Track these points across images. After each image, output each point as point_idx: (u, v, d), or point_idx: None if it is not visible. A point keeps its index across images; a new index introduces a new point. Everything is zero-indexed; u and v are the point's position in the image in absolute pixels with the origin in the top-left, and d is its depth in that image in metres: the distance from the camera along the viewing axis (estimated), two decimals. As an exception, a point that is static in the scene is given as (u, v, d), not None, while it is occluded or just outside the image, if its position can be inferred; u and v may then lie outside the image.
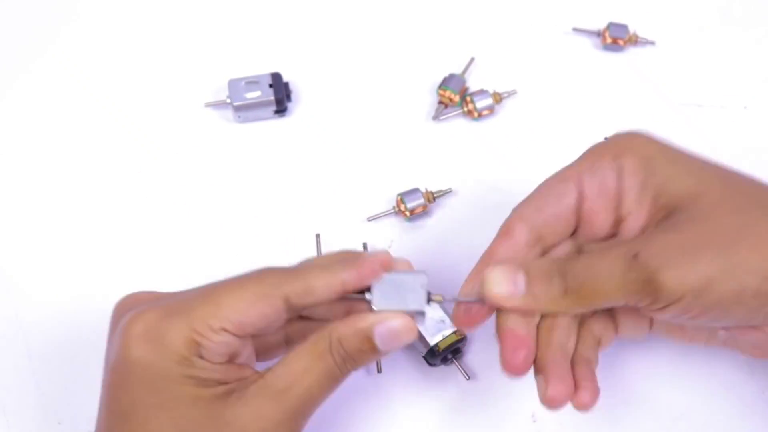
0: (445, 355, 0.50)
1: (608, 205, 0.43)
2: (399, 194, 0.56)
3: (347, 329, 0.40)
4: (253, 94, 0.59)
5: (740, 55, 0.63)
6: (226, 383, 0.40)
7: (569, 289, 0.40)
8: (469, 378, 0.50)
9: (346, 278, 0.41)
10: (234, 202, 0.57)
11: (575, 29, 0.64)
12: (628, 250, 0.39)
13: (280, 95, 0.59)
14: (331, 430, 0.50)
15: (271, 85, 0.59)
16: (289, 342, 0.45)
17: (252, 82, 0.59)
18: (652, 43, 0.63)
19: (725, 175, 0.42)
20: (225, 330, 0.39)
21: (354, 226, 0.56)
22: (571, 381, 0.42)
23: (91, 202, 0.57)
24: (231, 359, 0.41)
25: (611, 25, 0.62)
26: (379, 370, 0.51)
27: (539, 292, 0.41)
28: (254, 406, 0.39)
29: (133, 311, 0.40)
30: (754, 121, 0.61)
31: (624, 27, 0.62)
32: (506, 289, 0.41)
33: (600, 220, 0.44)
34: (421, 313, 0.41)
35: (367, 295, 0.41)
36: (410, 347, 0.51)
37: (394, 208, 0.56)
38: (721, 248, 0.38)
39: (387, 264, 0.41)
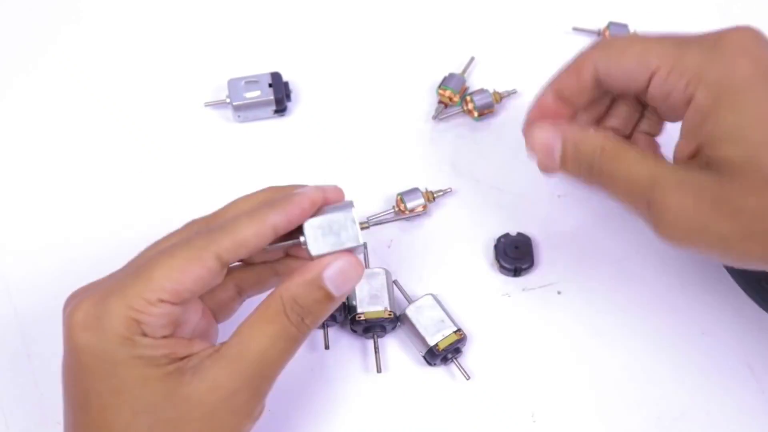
0: (444, 354, 0.50)
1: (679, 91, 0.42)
2: (399, 194, 0.56)
3: (297, 285, 0.40)
4: (253, 94, 0.59)
5: (740, 54, 0.63)
6: (175, 359, 0.39)
7: (593, 175, 0.43)
8: (469, 378, 0.50)
9: (276, 222, 0.40)
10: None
11: (575, 29, 0.64)
12: (643, 194, 0.40)
13: (280, 95, 0.59)
14: (330, 430, 0.50)
15: (270, 85, 0.59)
16: (241, 292, 0.45)
17: (252, 82, 0.59)
18: (653, 42, 0.63)
19: None
20: (162, 301, 0.39)
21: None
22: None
23: (92, 202, 0.57)
24: (175, 330, 0.40)
25: (611, 25, 0.62)
26: (378, 370, 0.51)
27: (569, 170, 0.44)
28: (209, 377, 0.39)
29: (73, 301, 0.41)
30: (754, 120, 0.60)
31: (624, 26, 0.62)
32: (542, 158, 0.45)
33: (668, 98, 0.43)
34: (360, 247, 0.41)
35: (301, 238, 0.41)
36: (410, 347, 0.51)
37: (393, 207, 0.56)
38: None
39: (315, 201, 0.41)
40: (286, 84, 0.60)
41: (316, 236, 0.41)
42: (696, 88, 0.39)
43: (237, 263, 0.44)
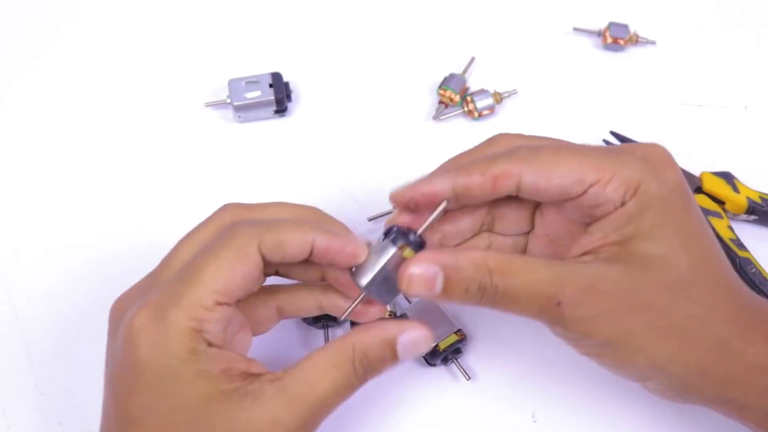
0: (445, 355, 0.50)
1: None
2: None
3: (372, 341, 0.40)
4: (253, 94, 0.59)
5: (741, 55, 0.63)
6: (233, 377, 0.39)
7: (485, 300, 0.40)
8: (470, 378, 0.50)
9: (318, 242, 0.41)
10: (234, 201, 0.57)
11: (576, 29, 0.64)
12: (552, 297, 0.38)
13: (280, 95, 0.59)
14: (330, 431, 0.50)
15: (271, 85, 0.59)
16: (280, 313, 0.45)
17: (252, 82, 0.59)
18: (653, 42, 0.63)
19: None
20: (218, 304, 0.39)
21: (355, 225, 0.56)
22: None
23: (92, 202, 0.57)
24: (227, 332, 0.40)
25: (612, 25, 0.62)
26: (379, 370, 0.51)
27: (456, 298, 0.40)
28: (269, 410, 0.38)
29: (130, 311, 0.39)
30: (754, 120, 0.61)
31: (624, 27, 0.62)
32: (423, 291, 0.39)
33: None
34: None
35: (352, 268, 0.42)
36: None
37: (394, 207, 0.56)
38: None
39: (356, 254, 0.42)
40: (286, 84, 0.60)
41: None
42: (632, 197, 0.39)
43: (275, 278, 0.45)
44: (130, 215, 0.57)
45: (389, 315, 0.50)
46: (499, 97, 0.60)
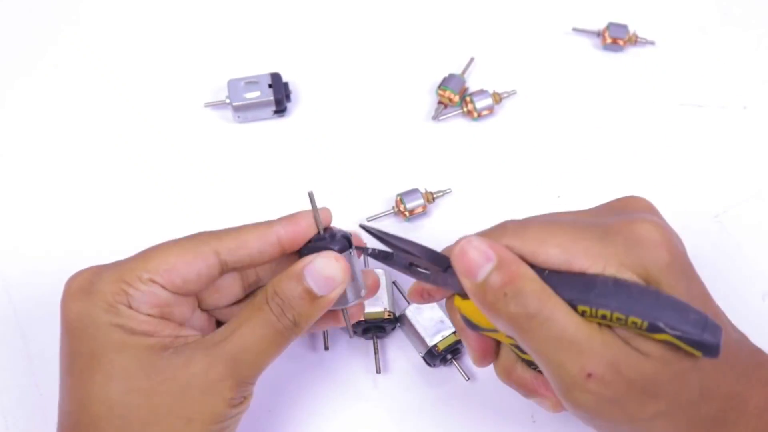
0: (444, 355, 0.50)
1: None
2: (398, 194, 0.56)
3: (279, 278, 0.41)
4: (253, 95, 0.59)
5: (740, 55, 0.63)
6: (159, 336, 0.40)
7: (515, 319, 0.37)
8: (469, 378, 0.50)
9: (281, 231, 0.41)
10: (233, 202, 0.57)
11: (575, 29, 0.64)
12: (585, 365, 0.36)
13: (280, 95, 0.59)
14: (330, 431, 0.50)
15: (270, 86, 0.59)
16: (223, 263, 0.45)
17: (251, 83, 0.59)
18: (652, 43, 0.63)
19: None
20: (153, 281, 0.40)
21: (353, 226, 0.56)
22: None
23: (91, 202, 0.57)
24: (163, 315, 0.41)
25: (611, 25, 0.62)
26: (378, 371, 0.51)
27: (488, 297, 0.38)
28: (186, 354, 0.40)
29: (74, 273, 0.42)
30: (753, 121, 0.60)
31: (624, 27, 0.62)
32: (466, 268, 0.38)
33: None
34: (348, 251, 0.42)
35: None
36: (410, 347, 0.51)
37: (393, 208, 0.56)
38: None
39: (328, 217, 0.42)
40: (285, 84, 0.60)
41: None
42: (622, 275, 0.37)
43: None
44: (130, 215, 0.57)
45: (388, 316, 0.50)
46: (498, 98, 0.60)
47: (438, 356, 0.49)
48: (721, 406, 0.39)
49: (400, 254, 0.42)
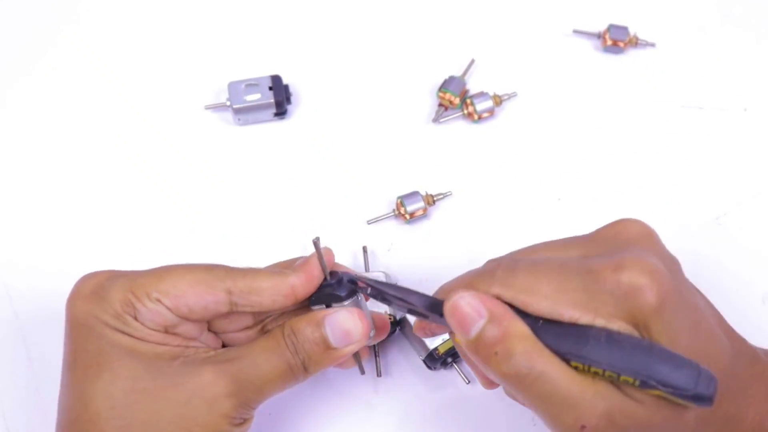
0: (444, 358, 0.50)
1: None
2: (399, 197, 0.56)
3: (299, 319, 0.42)
4: (253, 97, 0.59)
5: (741, 57, 0.63)
6: (169, 345, 0.41)
7: (511, 376, 0.37)
8: (469, 382, 0.50)
9: (295, 282, 0.42)
10: (234, 204, 0.57)
11: (575, 31, 0.64)
12: (579, 417, 0.36)
13: (280, 98, 0.59)
14: (330, 434, 0.50)
15: (270, 88, 0.59)
16: (231, 301, 0.44)
17: (252, 85, 0.59)
18: (653, 45, 0.63)
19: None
20: (160, 301, 0.40)
21: (354, 229, 0.56)
22: None
23: (92, 206, 0.57)
24: (168, 332, 0.42)
25: (611, 27, 0.62)
26: (378, 374, 0.51)
27: (481, 353, 0.38)
28: (196, 367, 0.40)
29: (84, 275, 0.43)
30: (754, 123, 0.60)
31: (624, 29, 0.62)
32: (458, 324, 0.38)
33: None
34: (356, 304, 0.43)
35: (314, 308, 0.43)
36: (410, 351, 0.51)
37: (393, 210, 0.56)
38: None
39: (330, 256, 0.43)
40: (286, 87, 0.60)
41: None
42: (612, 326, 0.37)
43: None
44: (131, 217, 0.57)
45: (389, 319, 0.50)
46: (498, 100, 0.60)
47: (438, 359, 0.49)
48: (717, 429, 0.39)
49: (398, 302, 0.42)
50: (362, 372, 0.47)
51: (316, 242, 0.42)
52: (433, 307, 0.40)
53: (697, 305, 0.39)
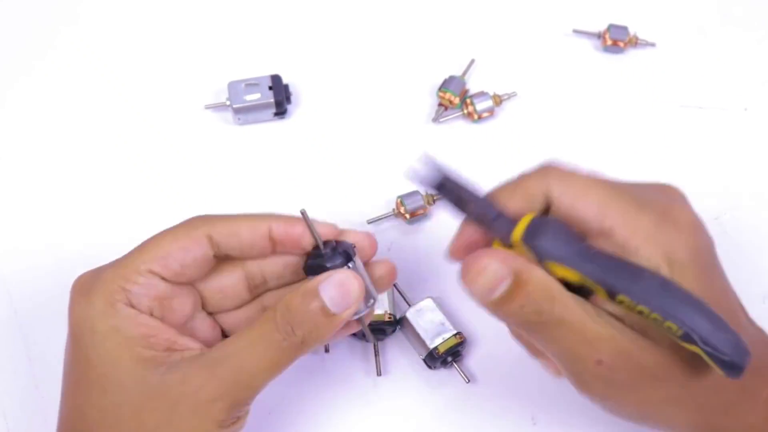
0: (444, 357, 0.50)
1: None
2: (399, 196, 0.56)
3: (293, 294, 0.40)
4: (253, 97, 0.59)
5: (741, 57, 0.63)
6: (155, 345, 0.40)
7: (533, 325, 0.38)
8: (469, 381, 0.50)
9: (273, 225, 0.41)
10: (234, 204, 0.57)
11: (575, 31, 0.64)
12: (596, 351, 0.37)
13: (280, 97, 0.59)
14: (330, 433, 0.50)
15: (270, 88, 0.59)
16: (216, 247, 0.44)
17: (252, 85, 0.59)
18: (653, 44, 0.63)
19: None
20: (151, 272, 0.40)
21: (354, 228, 0.56)
22: None
23: (92, 204, 0.57)
24: (163, 309, 0.41)
25: (611, 27, 0.62)
26: (379, 373, 0.51)
27: (509, 311, 0.38)
28: (181, 371, 0.39)
29: (79, 276, 0.42)
30: (754, 123, 0.60)
31: (624, 29, 0.62)
32: (483, 289, 0.38)
33: None
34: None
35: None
36: (410, 350, 0.51)
37: (393, 210, 0.56)
38: None
39: (326, 233, 0.42)
40: (286, 86, 0.60)
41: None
42: (646, 253, 0.37)
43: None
44: (130, 216, 0.57)
45: (389, 318, 0.50)
46: (498, 100, 0.60)
47: (438, 359, 0.49)
48: (733, 398, 0.39)
49: (452, 186, 0.41)
50: (370, 340, 0.47)
51: (303, 212, 0.41)
52: (487, 209, 0.40)
53: (725, 276, 0.40)
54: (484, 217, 0.39)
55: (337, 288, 0.40)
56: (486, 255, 0.37)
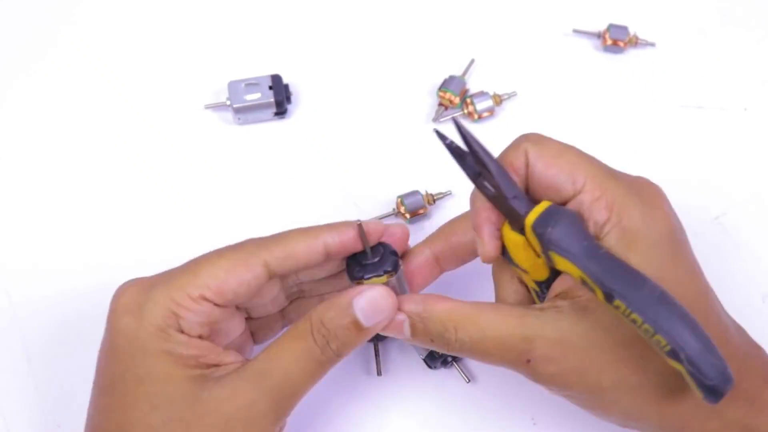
0: (445, 357, 0.50)
1: None
2: (399, 196, 0.56)
3: (326, 308, 0.40)
4: (253, 96, 0.59)
5: (740, 56, 0.63)
6: (203, 364, 0.40)
7: (452, 350, 0.41)
8: (470, 381, 0.50)
9: (329, 240, 0.41)
10: (234, 204, 0.57)
11: (575, 31, 0.64)
12: (522, 354, 0.39)
13: (280, 97, 0.59)
14: (330, 433, 0.50)
15: (271, 87, 0.59)
16: (270, 270, 0.44)
17: (252, 84, 0.59)
18: (653, 44, 0.63)
19: None
20: (204, 298, 0.40)
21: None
22: None
23: (91, 206, 0.57)
24: (212, 332, 0.41)
25: (611, 27, 0.62)
26: (379, 373, 0.51)
27: (423, 344, 0.42)
28: (230, 386, 0.39)
29: (121, 288, 0.41)
30: (754, 123, 0.60)
31: (624, 28, 0.62)
32: (394, 333, 0.42)
33: None
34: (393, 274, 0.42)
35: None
36: (411, 350, 0.51)
37: (394, 209, 0.56)
38: None
39: (371, 231, 0.42)
40: (286, 86, 0.60)
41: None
42: (612, 227, 0.38)
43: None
44: (130, 216, 0.57)
45: None
46: (498, 99, 0.60)
47: (439, 358, 0.49)
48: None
49: (473, 161, 0.40)
50: (370, 340, 0.46)
51: (360, 224, 0.41)
52: (507, 189, 0.39)
53: (695, 261, 0.41)
54: (501, 194, 0.39)
55: (370, 304, 0.40)
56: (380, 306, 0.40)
